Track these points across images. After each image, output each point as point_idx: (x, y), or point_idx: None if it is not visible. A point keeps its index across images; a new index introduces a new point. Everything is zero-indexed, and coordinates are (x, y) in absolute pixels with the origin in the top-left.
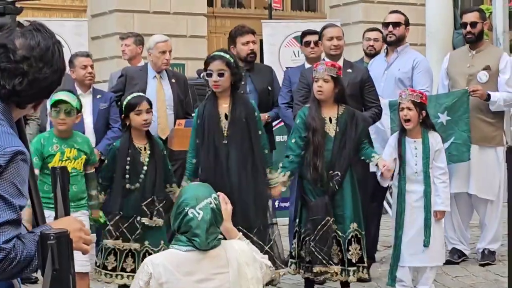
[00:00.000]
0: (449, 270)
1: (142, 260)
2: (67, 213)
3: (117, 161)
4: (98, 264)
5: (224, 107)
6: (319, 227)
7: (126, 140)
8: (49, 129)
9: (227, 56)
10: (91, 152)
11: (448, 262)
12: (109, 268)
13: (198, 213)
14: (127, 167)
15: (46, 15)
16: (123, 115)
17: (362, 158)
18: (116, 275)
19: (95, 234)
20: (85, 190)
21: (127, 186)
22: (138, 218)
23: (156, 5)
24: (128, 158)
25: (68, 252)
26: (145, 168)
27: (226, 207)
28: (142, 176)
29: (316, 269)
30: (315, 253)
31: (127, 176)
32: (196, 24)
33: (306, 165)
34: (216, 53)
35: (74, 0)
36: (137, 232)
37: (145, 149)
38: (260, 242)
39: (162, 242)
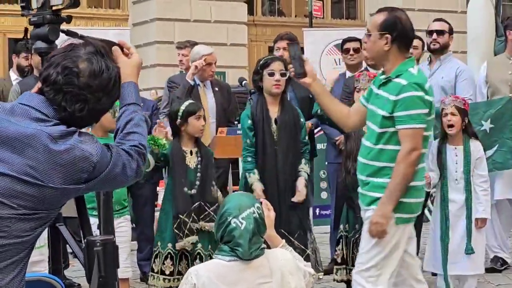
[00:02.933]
0: (492, 278)
1: (193, 262)
2: (110, 219)
3: (174, 165)
4: (156, 270)
5: (273, 111)
6: None
7: (177, 145)
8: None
9: (282, 59)
10: None
11: (490, 270)
12: (167, 272)
13: (241, 223)
14: (181, 172)
15: (88, 24)
16: (178, 120)
17: None
18: (174, 279)
19: (132, 241)
20: (126, 193)
21: (185, 189)
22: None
23: (197, 13)
24: (180, 163)
25: (113, 259)
26: (198, 174)
27: (269, 214)
28: (197, 182)
29: None
30: None
31: (182, 180)
32: (236, 32)
33: (341, 169)
34: (270, 56)
35: (115, 9)
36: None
37: (191, 152)
38: (302, 246)
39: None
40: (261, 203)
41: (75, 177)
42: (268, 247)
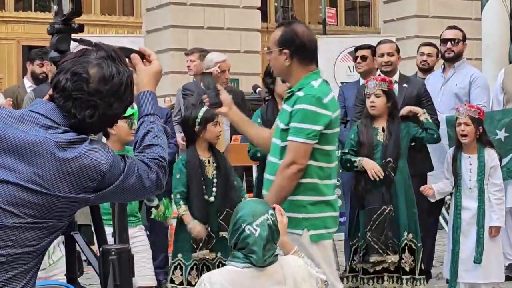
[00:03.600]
0: (508, 287)
1: None
2: (124, 228)
3: (190, 174)
4: (177, 282)
5: None
6: (374, 216)
7: (194, 152)
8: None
9: None
10: None
11: (506, 278)
12: (193, 283)
13: (255, 230)
14: (202, 178)
15: (101, 31)
16: (197, 127)
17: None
18: None
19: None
20: (138, 205)
21: (205, 197)
22: (209, 229)
23: (211, 20)
24: (199, 170)
25: (129, 268)
26: (215, 181)
27: (282, 220)
28: (214, 189)
29: (373, 258)
30: (372, 242)
31: (203, 187)
32: (250, 39)
33: (353, 178)
34: None
35: (129, 17)
36: (213, 243)
37: (209, 162)
38: None
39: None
40: (273, 208)
41: (83, 186)
42: None
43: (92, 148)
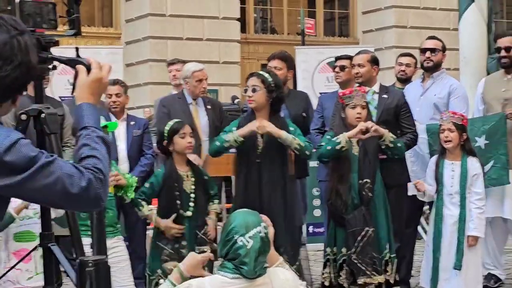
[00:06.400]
0: None
1: None
2: (103, 239)
3: (166, 188)
4: None
5: None
6: (359, 238)
7: (172, 166)
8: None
9: (265, 74)
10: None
11: None
12: None
13: (248, 242)
14: (177, 193)
15: (81, 42)
16: (165, 141)
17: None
18: None
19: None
20: (117, 216)
21: (181, 212)
22: (184, 243)
23: (189, 31)
24: (176, 184)
25: (105, 279)
26: (192, 195)
27: (269, 230)
28: (191, 204)
29: (361, 280)
30: (358, 264)
31: (178, 202)
32: (229, 50)
33: (329, 191)
34: (255, 71)
35: (108, 28)
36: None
37: (187, 176)
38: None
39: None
40: None
41: None
42: None
43: None
